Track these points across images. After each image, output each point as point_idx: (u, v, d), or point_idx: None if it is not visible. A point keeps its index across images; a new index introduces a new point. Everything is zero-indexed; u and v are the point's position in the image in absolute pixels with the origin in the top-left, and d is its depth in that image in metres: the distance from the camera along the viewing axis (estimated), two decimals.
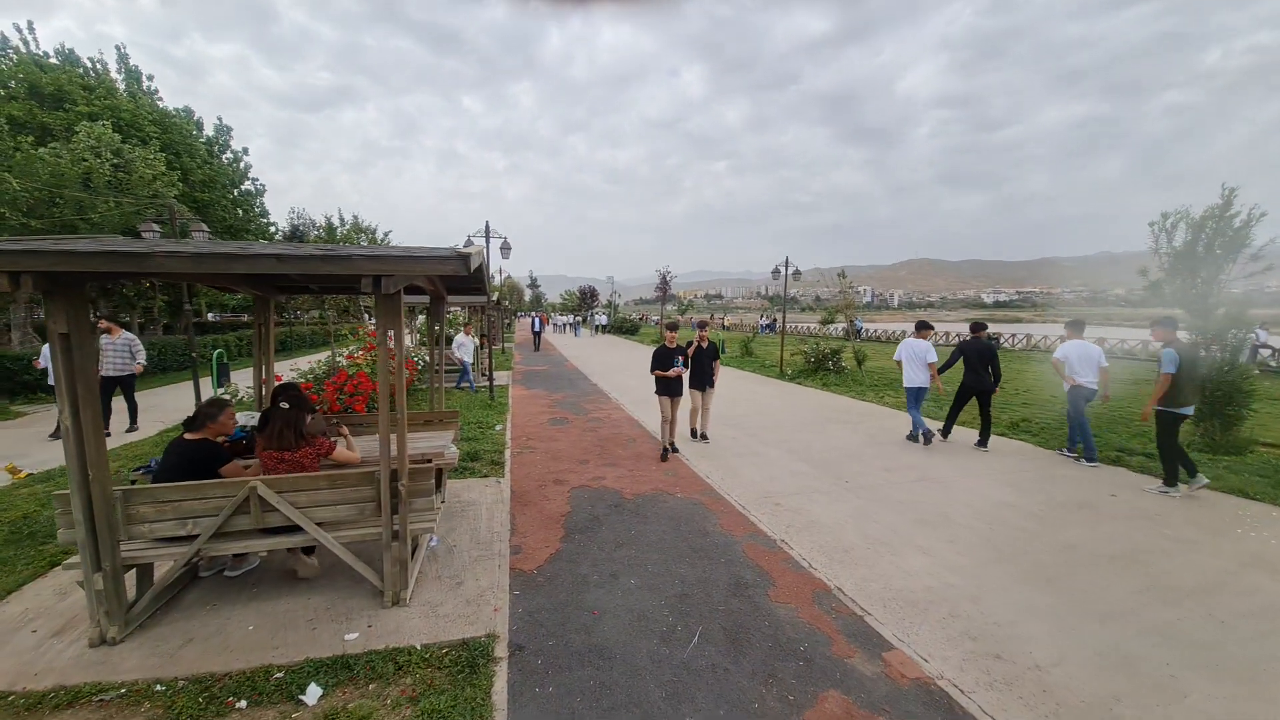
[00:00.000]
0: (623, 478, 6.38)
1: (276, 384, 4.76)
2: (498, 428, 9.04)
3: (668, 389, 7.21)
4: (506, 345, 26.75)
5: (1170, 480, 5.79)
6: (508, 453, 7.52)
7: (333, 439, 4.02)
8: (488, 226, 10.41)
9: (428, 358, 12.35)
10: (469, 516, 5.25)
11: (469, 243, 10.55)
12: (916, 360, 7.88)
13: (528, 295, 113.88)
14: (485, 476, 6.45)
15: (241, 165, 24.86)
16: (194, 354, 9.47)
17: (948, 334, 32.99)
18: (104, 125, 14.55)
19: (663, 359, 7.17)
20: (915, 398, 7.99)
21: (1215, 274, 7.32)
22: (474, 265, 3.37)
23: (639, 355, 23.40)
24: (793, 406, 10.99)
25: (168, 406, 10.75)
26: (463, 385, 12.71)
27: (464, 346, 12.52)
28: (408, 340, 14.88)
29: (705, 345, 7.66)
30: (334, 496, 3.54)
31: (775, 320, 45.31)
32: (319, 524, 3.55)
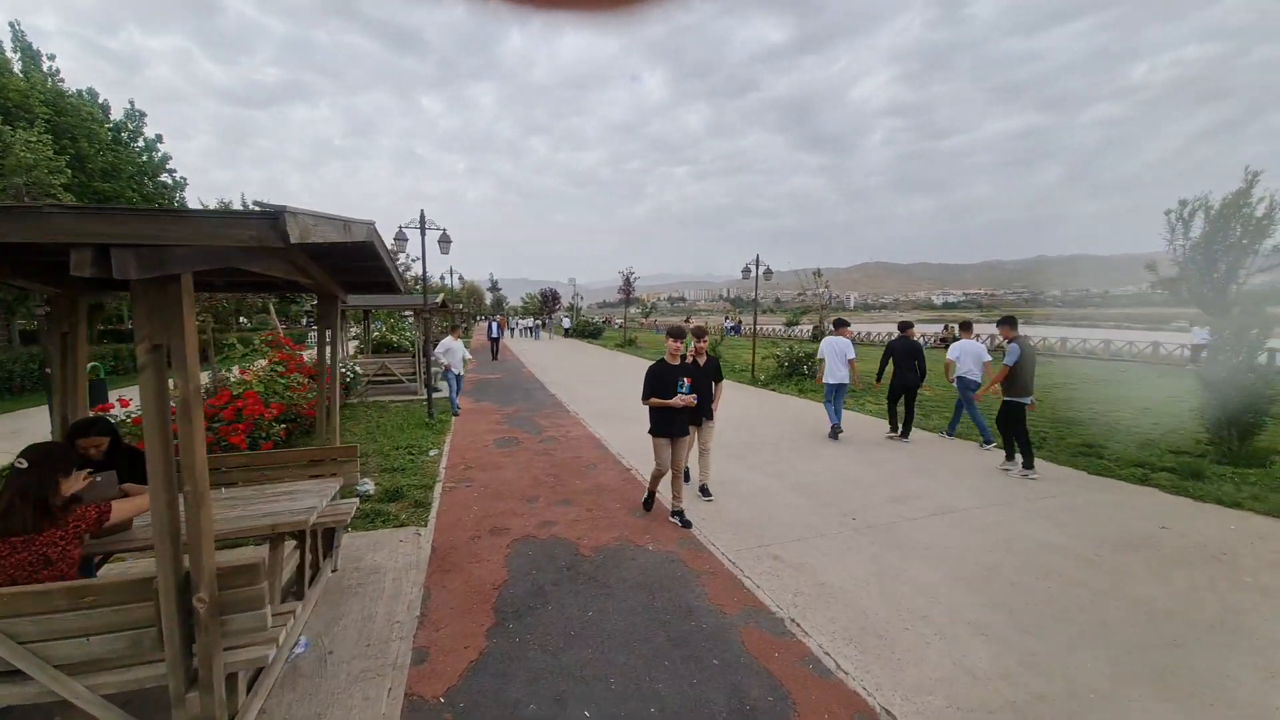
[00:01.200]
0: (579, 521, 5.08)
1: (83, 420, 3.30)
2: (432, 453, 7.59)
3: (669, 426, 4.92)
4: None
5: (1028, 463, 6.28)
6: (438, 488, 6.11)
7: (110, 500, 2.59)
8: (423, 216, 8.95)
9: (346, 369, 10.72)
10: (366, 594, 3.85)
11: (400, 235, 9.07)
12: (838, 357, 8.08)
13: (489, 299, 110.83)
14: (402, 525, 5.04)
15: (157, 156, 22.27)
16: (45, 369, 7.62)
17: (924, 335, 32.94)
18: None
19: (663, 382, 4.90)
20: (835, 393, 8.18)
21: (1237, 264, 6.59)
22: (300, 234, 2.03)
23: (601, 361, 22.08)
24: (773, 418, 9.91)
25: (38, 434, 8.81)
26: (456, 402, 10.52)
27: (452, 352, 10.19)
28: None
29: (704, 361, 5.75)
30: (83, 622, 2.13)
31: (740, 322, 44.79)
32: (61, 667, 2.13)
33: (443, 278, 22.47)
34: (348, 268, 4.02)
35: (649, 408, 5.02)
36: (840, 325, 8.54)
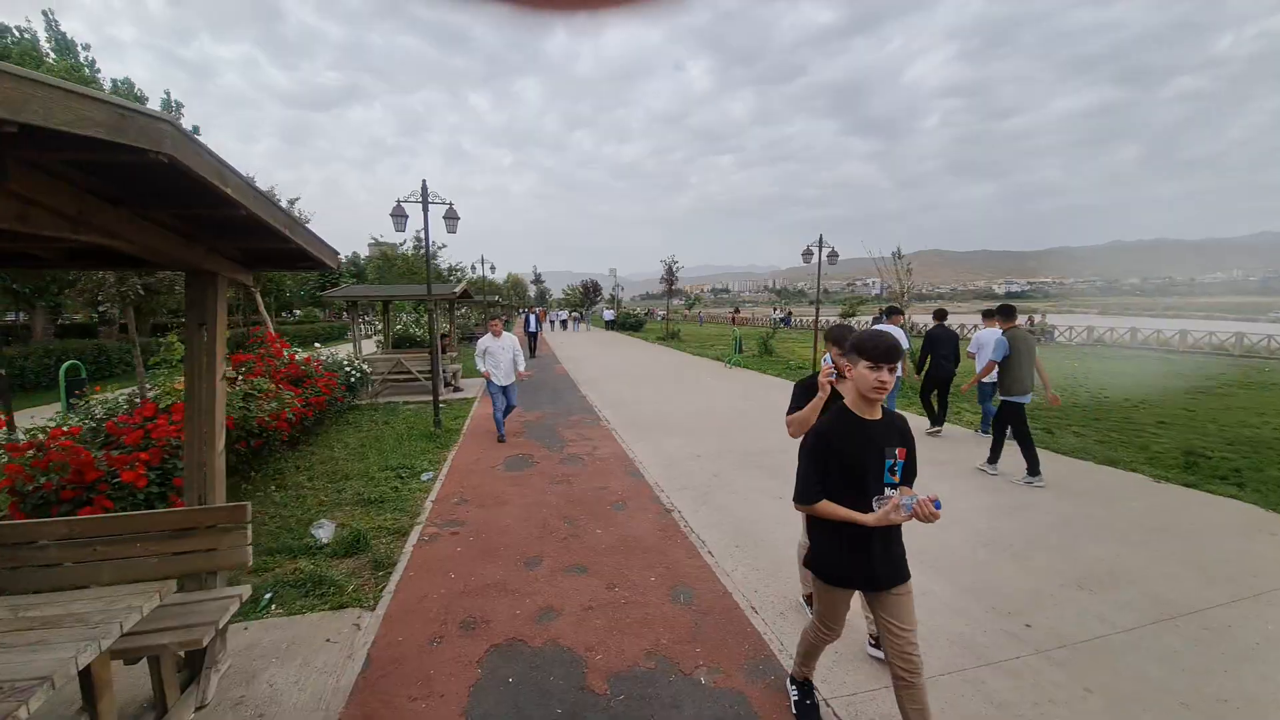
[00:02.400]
0: (595, 610, 3.41)
1: None
2: (425, 476, 6.11)
3: (856, 561, 2.15)
4: None
5: (1032, 469, 5.64)
6: (415, 535, 4.58)
7: None
8: (424, 188, 7.47)
9: (351, 365, 9.42)
10: None
11: (397, 210, 7.62)
12: None
13: (532, 291, 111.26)
14: (344, 606, 3.52)
15: None
16: None
17: (964, 325, 29.67)
18: None
19: (844, 449, 2.12)
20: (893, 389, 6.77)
21: None
22: None
23: (641, 356, 20.40)
24: None
25: None
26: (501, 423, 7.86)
27: (491, 355, 7.65)
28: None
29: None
30: None
31: (790, 314, 42.20)
32: None
33: (474, 266, 21.30)
34: (213, 222, 2.48)
35: (811, 515, 2.28)
36: (892, 313, 7.78)
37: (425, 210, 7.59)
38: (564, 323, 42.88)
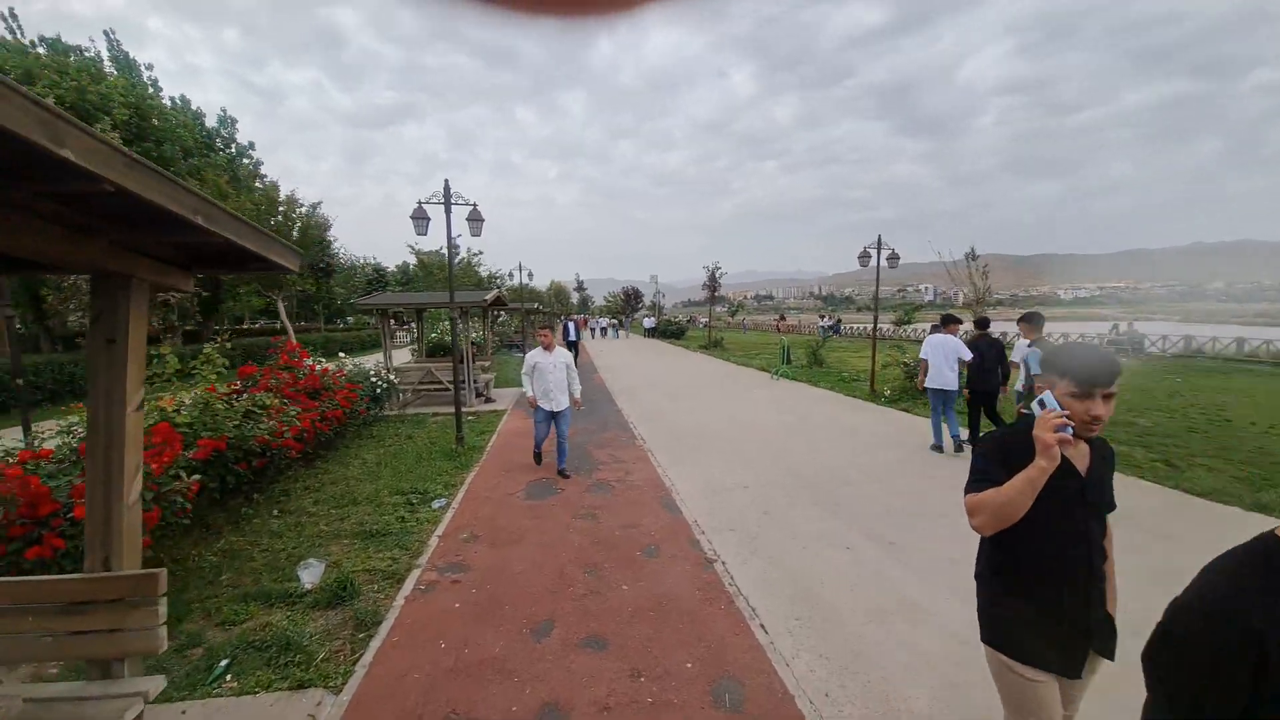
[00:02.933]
0: (611, 711, 2.62)
1: None
2: (436, 504, 5.49)
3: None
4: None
5: None
6: (409, 583, 3.92)
7: None
8: (447, 187, 6.93)
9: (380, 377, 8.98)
10: None
11: (418, 211, 7.11)
12: (946, 359, 6.97)
13: (574, 298, 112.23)
14: (302, 685, 2.85)
15: (249, 162, 22.86)
16: (16, 381, 6.44)
17: (1005, 333, 27.22)
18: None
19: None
20: (945, 401, 7.08)
21: None
22: None
23: (682, 365, 19.53)
24: (917, 465, 6.87)
25: None
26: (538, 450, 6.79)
27: (540, 372, 6.25)
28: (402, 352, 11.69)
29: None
30: None
31: (840, 320, 40.39)
32: None
33: (511, 274, 20.98)
34: (116, 210, 1.86)
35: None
36: (948, 321, 7.37)
37: (448, 212, 7.05)
38: (603, 330, 42.46)
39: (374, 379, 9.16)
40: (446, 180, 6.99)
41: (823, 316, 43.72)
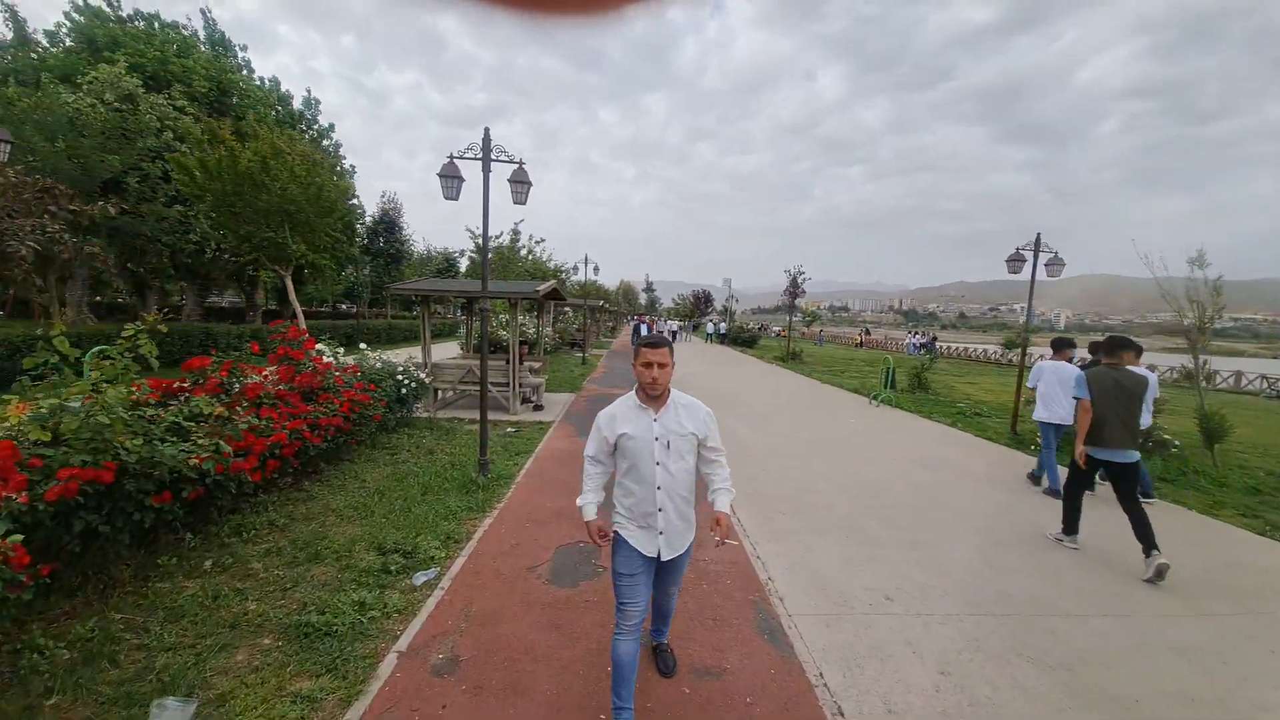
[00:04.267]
0: None
1: None
2: (419, 578, 3.77)
3: None
4: (595, 353, 21.96)
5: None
6: None
7: None
8: (486, 139, 5.25)
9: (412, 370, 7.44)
10: None
11: (449, 168, 5.45)
12: (1061, 387, 6.04)
13: (642, 299, 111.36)
14: None
15: (329, 144, 22.86)
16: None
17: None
18: (117, 67, 12.09)
19: None
20: (1055, 435, 6.29)
21: None
22: None
23: (759, 380, 17.22)
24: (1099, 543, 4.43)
25: None
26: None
27: (632, 455, 2.53)
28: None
29: None
30: None
31: (935, 338, 36.31)
32: None
33: (577, 267, 19.52)
34: None
35: None
36: (1062, 346, 6.53)
37: (486, 170, 5.37)
38: (673, 333, 40.35)
39: (401, 376, 7.72)
40: (486, 129, 5.32)
41: (913, 332, 39.64)
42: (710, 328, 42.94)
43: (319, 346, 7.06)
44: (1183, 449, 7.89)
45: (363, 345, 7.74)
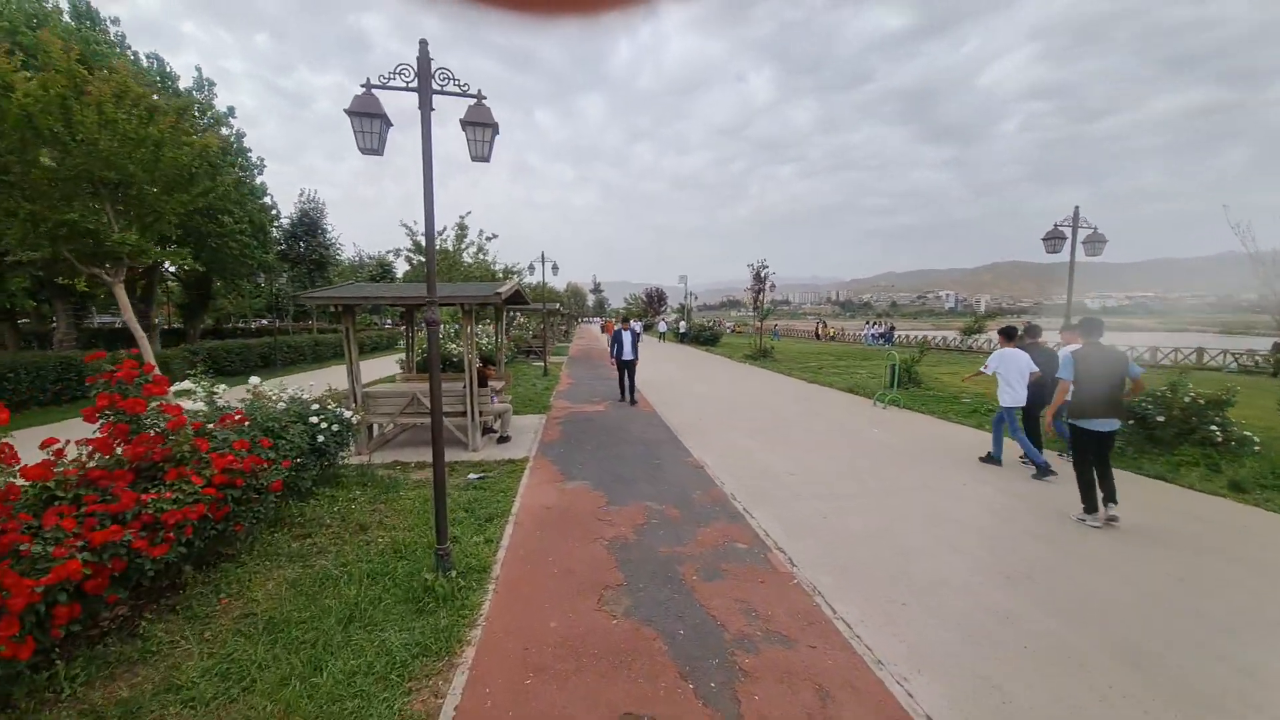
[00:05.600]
0: None
1: None
2: None
3: None
4: (553, 360, 19.87)
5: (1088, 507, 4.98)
6: None
7: None
8: (424, 55, 3.34)
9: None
10: None
11: (363, 100, 3.47)
12: (1017, 374, 6.56)
13: (590, 300, 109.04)
14: None
15: (229, 133, 19.58)
16: None
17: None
18: None
19: None
20: (1013, 418, 6.63)
21: None
22: None
23: (742, 382, 15.72)
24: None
25: None
26: None
27: None
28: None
29: None
30: None
31: (893, 329, 36.34)
32: None
33: (532, 267, 17.34)
34: None
35: None
36: (1010, 335, 7.02)
37: (425, 105, 3.43)
38: (636, 335, 38.38)
39: (318, 419, 5.59)
40: (423, 43, 3.39)
41: (871, 323, 39.66)
42: (663, 326, 41.56)
43: (179, 387, 4.85)
44: (1267, 447, 6.93)
45: (254, 379, 5.52)
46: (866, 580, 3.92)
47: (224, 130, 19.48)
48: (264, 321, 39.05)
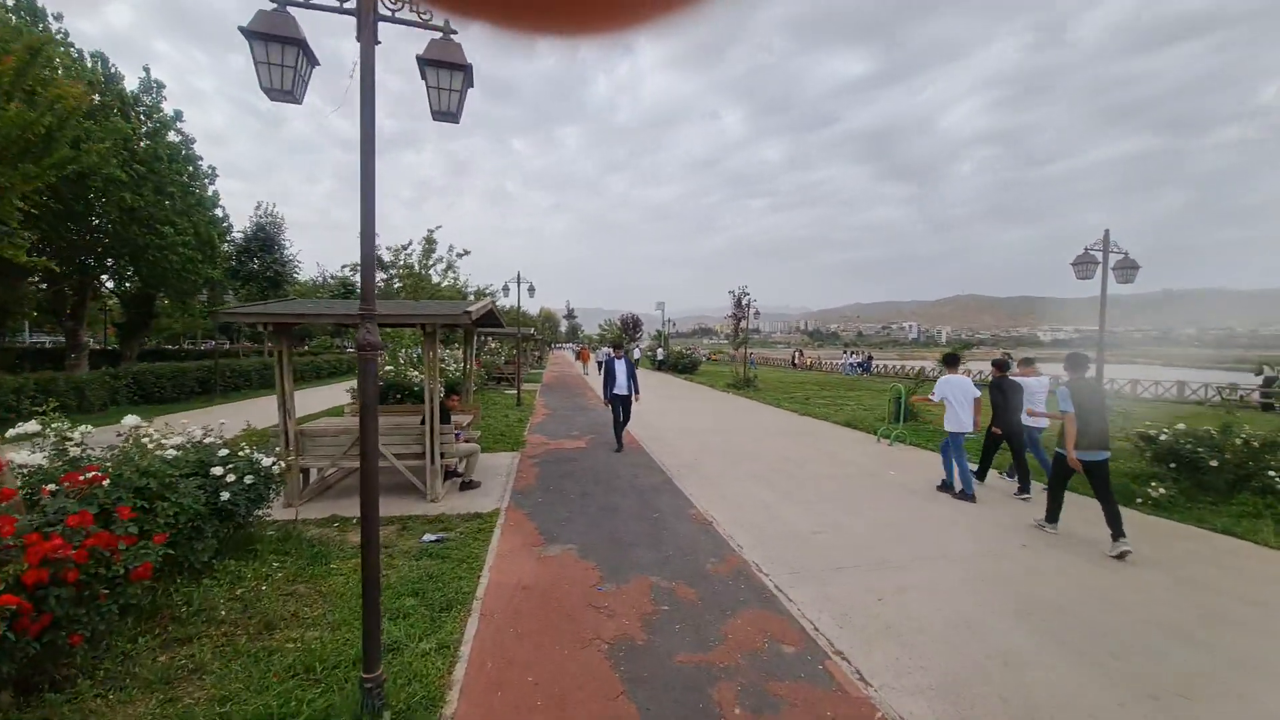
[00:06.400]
0: None
1: None
2: None
3: None
4: (526, 388, 18.55)
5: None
6: None
7: None
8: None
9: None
10: None
11: (276, 19, 2.44)
12: (963, 399, 6.78)
13: (564, 326, 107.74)
14: None
15: (178, 140, 18.05)
16: None
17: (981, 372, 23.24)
18: None
19: None
20: (958, 443, 6.76)
21: None
22: None
23: (733, 415, 14.68)
24: None
25: None
26: None
27: None
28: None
29: None
30: None
31: (870, 358, 36.19)
32: None
33: (507, 287, 16.04)
34: None
35: None
36: (953, 362, 7.35)
37: (366, 37, 2.37)
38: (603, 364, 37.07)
39: (223, 470, 4.27)
40: None
41: (849, 352, 39.51)
42: (636, 353, 40.71)
43: (19, 430, 3.53)
44: None
45: (129, 419, 4.20)
46: (985, 715, 2.82)
47: (171, 136, 17.97)
48: (212, 343, 36.51)
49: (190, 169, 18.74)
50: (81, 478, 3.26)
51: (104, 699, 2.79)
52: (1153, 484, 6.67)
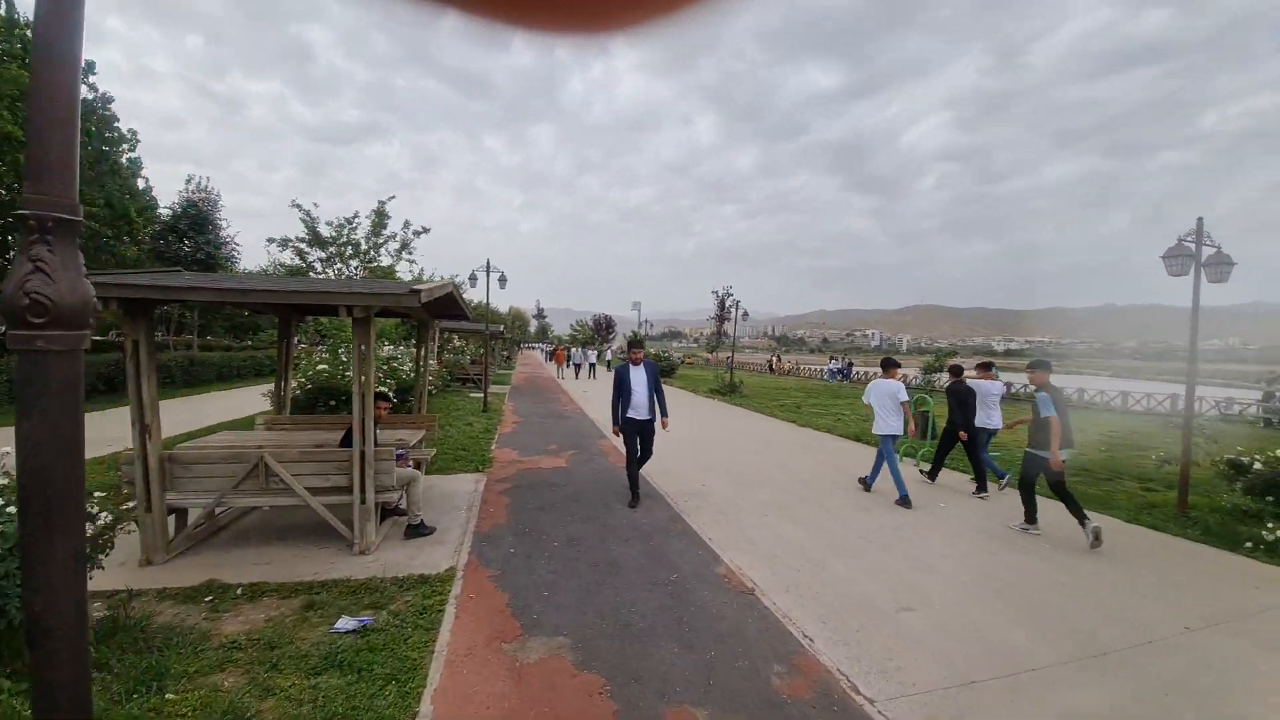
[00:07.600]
0: None
1: None
2: None
3: None
4: (494, 390, 16.63)
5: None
6: None
7: None
8: None
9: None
10: None
11: None
12: (890, 402, 6.77)
13: (533, 325, 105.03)
14: None
15: (89, 94, 15.50)
16: None
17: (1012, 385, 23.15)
18: None
19: None
20: (889, 447, 6.80)
21: None
22: None
23: (724, 424, 13.13)
24: None
25: None
26: None
27: None
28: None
29: None
30: None
31: (851, 365, 35.41)
32: None
33: (474, 276, 14.00)
34: None
35: None
36: (890, 366, 7.27)
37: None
38: (593, 365, 34.46)
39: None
40: None
41: (832, 358, 38.70)
42: (609, 355, 39.02)
43: None
44: None
45: None
46: None
47: (84, 92, 15.39)
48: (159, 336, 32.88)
49: (105, 132, 16.16)
50: None
51: None
52: (1269, 525, 5.45)
